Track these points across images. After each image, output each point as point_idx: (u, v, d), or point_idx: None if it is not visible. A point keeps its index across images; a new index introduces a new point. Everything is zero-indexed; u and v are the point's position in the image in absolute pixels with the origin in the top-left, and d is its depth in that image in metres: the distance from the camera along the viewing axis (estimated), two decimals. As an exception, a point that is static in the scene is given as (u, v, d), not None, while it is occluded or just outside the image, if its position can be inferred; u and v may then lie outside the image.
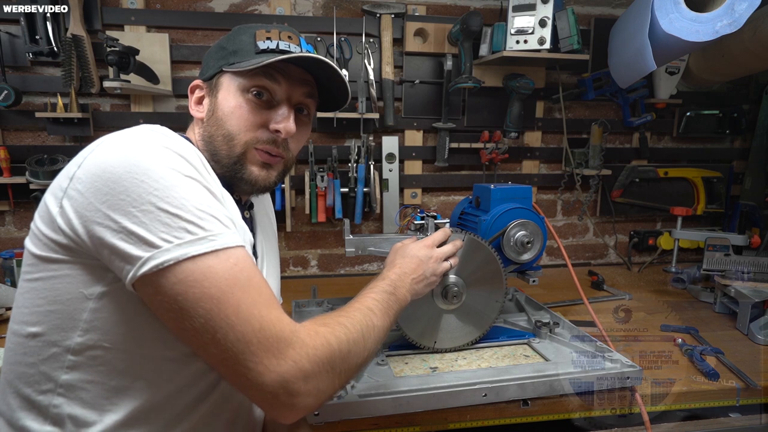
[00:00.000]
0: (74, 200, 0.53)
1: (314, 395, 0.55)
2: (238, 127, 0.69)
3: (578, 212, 1.86)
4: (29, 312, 0.57)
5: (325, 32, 1.55)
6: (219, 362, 0.53)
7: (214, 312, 0.51)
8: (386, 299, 0.73)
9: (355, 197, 1.60)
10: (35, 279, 0.57)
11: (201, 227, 0.53)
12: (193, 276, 0.51)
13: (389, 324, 0.71)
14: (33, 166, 1.39)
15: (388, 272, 0.81)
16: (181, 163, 0.55)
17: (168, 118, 1.53)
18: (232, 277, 0.53)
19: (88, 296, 0.55)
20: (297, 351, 0.54)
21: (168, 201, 0.52)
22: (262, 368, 0.52)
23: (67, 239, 0.54)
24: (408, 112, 1.66)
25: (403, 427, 0.87)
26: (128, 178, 0.51)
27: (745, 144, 1.91)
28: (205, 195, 0.56)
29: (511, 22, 1.45)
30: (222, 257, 0.53)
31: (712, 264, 1.39)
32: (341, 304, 1.27)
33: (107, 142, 0.56)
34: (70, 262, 0.55)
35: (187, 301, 0.51)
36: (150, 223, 0.51)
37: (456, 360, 0.99)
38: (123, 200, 0.51)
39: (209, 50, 0.75)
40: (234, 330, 0.51)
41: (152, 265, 0.50)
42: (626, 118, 1.75)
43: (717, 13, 1.16)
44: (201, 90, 0.74)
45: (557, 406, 0.90)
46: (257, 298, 0.54)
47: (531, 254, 1.08)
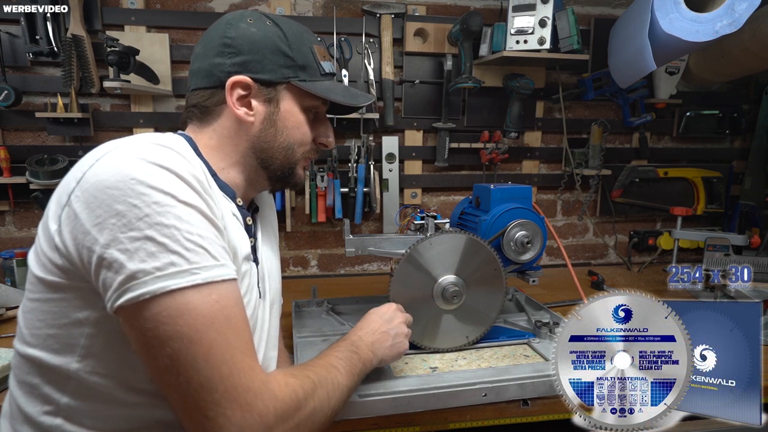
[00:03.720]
0: (70, 220, 0.51)
1: None
2: (299, 141, 0.72)
3: (578, 212, 1.86)
4: (30, 334, 0.56)
5: (325, 32, 1.55)
6: (178, 406, 0.50)
7: (182, 353, 0.48)
8: (350, 357, 0.70)
9: (355, 197, 1.60)
10: (36, 300, 0.56)
11: (186, 259, 0.50)
12: (167, 312, 0.48)
13: (353, 384, 0.69)
14: (33, 166, 1.39)
15: (350, 334, 0.78)
16: (179, 187, 0.52)
17: (168, 118, 1.53)
18: (210, 315, 0.50)
19: (84, 321, 0.53)
20: (265, 404, 0.51)
21: (157, 229, 0.49)
22: (223, 420, 0.48)
23: (63, 260, 0.52)
24: (408, 112, 1.66)
25: (403, 427, 0.87)
26: (122, 201, 0.49)
27: (745, 144, 1.91)
28: (199, 223, 0.53)
29: (511, 22, 1.45)
30: (204, 292, 0.50)
31: (712, 264, 1.39)
32: (341, 304, 1.30)
33: (108, 156, 0.54)
34: (66, 287, 0.53)
35: (156, 338, 0.48)
36: (134, 251, 0.48)
37: (456, 360, 0.99)
38: (113, 224, 0.49)
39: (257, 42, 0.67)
40: (199, 374, 0.48)
41: (128, 297, 0.48)
42: (626, 118, 1.75)
43: (717, 13, 1.16)
44: (247, 89, 0.67)
45: (557, 406, 0.89)
46: (233, 342, 0.51)
47: (531, 254, 1.08)
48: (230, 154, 0.70)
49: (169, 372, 0.48)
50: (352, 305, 1.31)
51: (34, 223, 1.53)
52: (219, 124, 0.69)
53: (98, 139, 1.52)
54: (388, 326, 0.82)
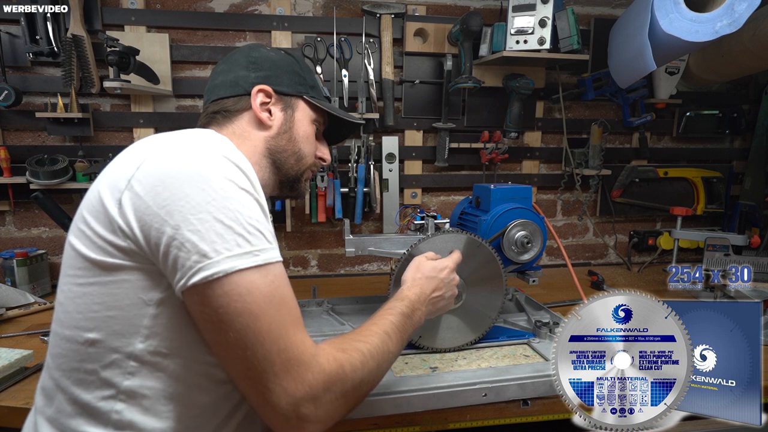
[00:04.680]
0: (134, 202, 0.54)
1: (323, 422, 0.55)
2: (307, 150, 0.82)
3: (578, 212, 1.86)
4: (84, 318, 0.56)
5: (325, 32, 1.55)
6: (242, 378, 0.54)
7: (250, 328, 0.52)
8: (403, 323, 0.72)
9: (355, 197, 1.60)
10: (89, 284, 0.56)
11: (248, 241, 0.54)
12: (237, 290, 0.52)
13: (401, 348, 0.71)
14: (33, 166, 1.39)
15: (408, 291, 0.79)
16: (238, 175, 0.57)
17: (168, 118, 1.54)
18: (269, 293, 0.54)
19: (148, 302, 0.56)
20: (314, 376, 0.54)
21: (224, 212, 0.53)
22: (280, 390, 0.52)
23: (126, 242, 0.54)
24: (408, 112, 1.66)
25: (403, 427, 0.87)
26: (189, 185, 0.53)
27: (744, 144, 1.91)
28: (255, 209, 0.57)
29: (511, 22, 1.45)
30: (263, 272, 0.54)
31: (712, 264, 1.39)
32: (341, 304, 1.30)
33: (167, 146, 0.58)
34: (128, 268, 0.55)
35: (227, 314, 0.52)
36: (205, 232, 0.52)
37: (456, 360, 0.99)
38: (182, 207, 0.52)
39: (277, 63, 0.79)
40: (263, 347, 0.52)
41: (203, 275, 0.51)
42: (626, 118, 1.76)
43: (717, 13, 1.16)
44: (268, 97, 0.77)
45: (557, 406, 0.90)
46: (287, 318, 0.55)
47: (531, 254, 1.08)
48: (249, 155, 0.75)
49: (237, 346, 0.52)
50: (352, 305, 1.31)
51: (34, 223, 1.53)
52: (239, 126, 0.77)
53: (98, 139, 1.52)
54: (446, 288, 0.85)
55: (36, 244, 1.53)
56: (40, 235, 1.55)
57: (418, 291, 0.80)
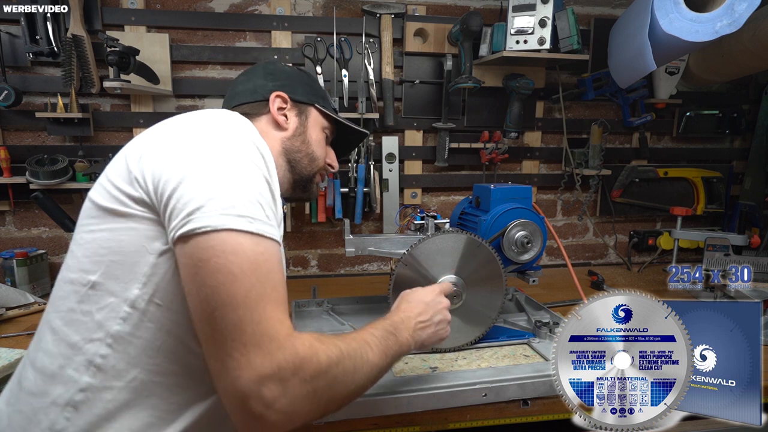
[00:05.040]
0: (153, 155, 0.58)
1: (286, 413, 0.51)
2: (319, 153, 0.89)
3: (578, 212, 1.86)
4: (90, 261, 0.59)
5: (325, 32, 1.55)
6: (208, 341, 0.52)
7: (225, 287, 0.51)
8: (386, 337, 0.68)
9: (355, 197, 1.60)
10: (100, 230, 0.60)
11: (245, 207, 0.55)
12: (222, 246, 0.52)
13: (385, 365, 0.66)
14: (33, 166, 1.39)
15: (391, 314, 0.77)
16: (257, 156, 0.60)
17: (168, 118, 1.53)
18: (255, 262, 0.53)
19: (150, 251, 0.58)
20: (285, 356, 0.51)
21: (227, 175, 0.56)
22: (245, 362, 0.49)
23: (139, 191, 0.58)
24: (408, 112, 1.66)
25: (403, 427, 0.87)
26: (207, 149, 0.57)
27: (744, 144, 1.91)
28: (261, 184, 0.59)
29: (511, 22, 1.45)
30: (254, 241, 0.54)
31: (712, 264, 1.39)
32: (341, 304, 1.30)
33: (200, 116, 0.64)
34: (137, 217, 0.58)
35: (206, 268, 0.52)
36: (207, 189, 0.54)
37: (456, 360, 0.99)
38: (194, 165, 0.56)
39: (291, 75, 0.89)
40: (235, 312, 0.51)
41: (193, 226, 0.53)
42: (626, 118, 1.76)
43: (717, 13, 1.16)
44: (285, 102, 0.84)
45: (557, 406, 0.90)
46: (269, 293, 0.53)
47: (531, 254, 1.08)
48: (279, 156, 0.83)
49: (208, 303, 0.51)
50: (352, 305, 1.31)
51: (34, 223, 1.53)
52: (259, 126, 0.82)
53: (98, 139, 1.52)
54: (433, 311, 0.79)
55: (36, 244, 1.53)
56: (40, 235, 1.55)
57: (402, 315, 0.76)
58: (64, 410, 0.55)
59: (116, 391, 0.56)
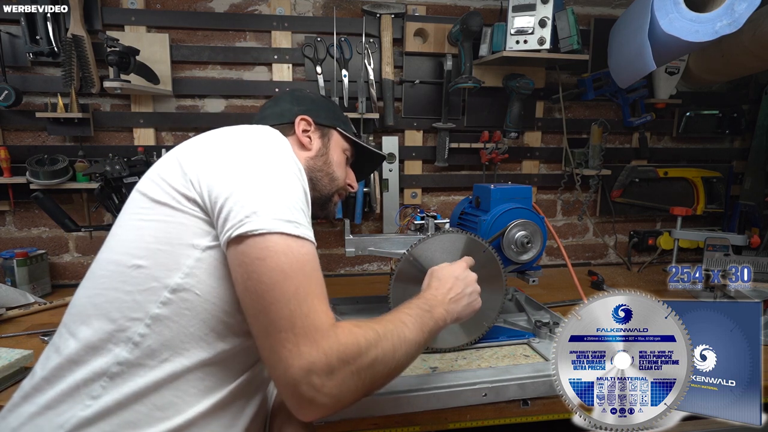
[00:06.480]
0: (208, 163, 0.64)
1: (334, 396, 0.57)
2: (339, 174, 0.93)
3: (578, 212, 1.86)
4: (136, 246, 0.63)
5: (325, 32, 1.55)
6: (262, 333, 0.58)
7: (279, 284, 0.57)
8: (421, 315, 0.71)
9: (355, 197, 1.60)
10: (152, 220, 0.64)
11: (292, 213, 0.61)
12: (275, 247, 0.58)
13: (423, 340, 0.70)
14: (33, 166, 1.39)
15: (424, 293, 0.80)
16: (292, 163, 0.67)
17: (168, 118, 1.54)
18: (302, 262, 0.59)
19: (196, 246, 0.62)
20: (329, 344, 0.56)
21: (276, 184, 0.62)
22: (296, 351, 0.55)
23: (192, 192, 0.63)
24: (408, 112, 1.66)
25: (403, 426, 0.87)
26: (256, 158, 0.64)
27: (744, 144, 1.91)
28: (302, 194, 0.66)
29: (511, 22, 1.45)
30: (299, 243, 0.60)
31: (712, 264, 1.39)
32: (341, 304, 1.30)
33: (244, 130, 0.69)
34: (188, 213, 0.63)
35: (263, 266, 0.57)
36: (257, 195, 0.60)
37: (456, 360, 0.99)
38: (245, 172, 0.62)
39: (315, 101, 0.96)
40: (288, 306, 0.56)
41: (249, 228, 0.58)
42: (626, 118, 1.76)
43: (717, 13, 1.16)
44: (309, 125, 0.90)
45: (557, 406, 0.90)
46: (314, 288, 0.59)
47: (531, 254, 1.08)
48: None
49: (264, 299, 0.57)
50: (352, 305, 1.31)
51: (34, 223, 1.53)
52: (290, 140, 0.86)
53: (98, 139, 1.52)
54: (463, 284, 0.83)
55: (36, 244, 1.53)
56: (40, 235, 1.55)
57: (434, 291, 0.80)
58: (101, 379, 0.59)
59: (148, 368, 0.60)
